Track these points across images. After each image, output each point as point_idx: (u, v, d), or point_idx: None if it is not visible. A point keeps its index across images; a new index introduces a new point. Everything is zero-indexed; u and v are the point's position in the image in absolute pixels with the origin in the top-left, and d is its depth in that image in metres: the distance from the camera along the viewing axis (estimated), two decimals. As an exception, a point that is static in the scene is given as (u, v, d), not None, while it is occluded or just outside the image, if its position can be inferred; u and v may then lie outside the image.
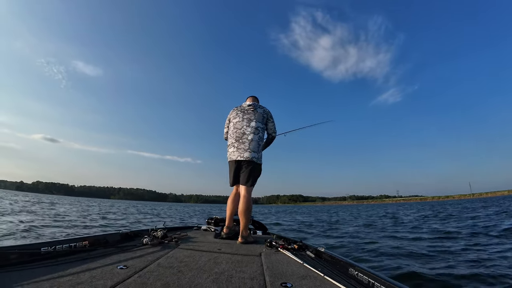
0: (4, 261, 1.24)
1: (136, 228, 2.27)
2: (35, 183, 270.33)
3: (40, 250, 1.39)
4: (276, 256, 1.81)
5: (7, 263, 1.24)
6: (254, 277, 1.30)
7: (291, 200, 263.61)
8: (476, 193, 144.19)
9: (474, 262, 3.39)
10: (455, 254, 3.90)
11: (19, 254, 1.30)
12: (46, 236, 4.96)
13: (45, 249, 1.42)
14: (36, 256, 1.36)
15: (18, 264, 1.26)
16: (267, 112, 2.72)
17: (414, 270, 3.04)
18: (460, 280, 2.71)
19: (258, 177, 2.59)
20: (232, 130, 2.63)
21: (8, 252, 1.28)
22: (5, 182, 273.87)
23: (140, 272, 1.26)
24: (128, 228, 3.69)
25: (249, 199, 2.46)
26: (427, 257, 3.78)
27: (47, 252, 1.41)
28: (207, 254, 1.73)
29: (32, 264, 1.28)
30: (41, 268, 1.23)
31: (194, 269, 1.37)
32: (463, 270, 3.04)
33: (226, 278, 1.25)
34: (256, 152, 2.52)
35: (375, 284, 1.24)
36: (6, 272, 1.15)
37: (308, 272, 1.45)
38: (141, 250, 1.75)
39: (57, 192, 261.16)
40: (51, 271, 1.17)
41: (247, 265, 1.52)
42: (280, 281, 1.26)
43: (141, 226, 7.18)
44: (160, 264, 1.42)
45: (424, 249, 4.33)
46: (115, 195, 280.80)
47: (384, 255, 3.97)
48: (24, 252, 1.33)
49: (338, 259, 1.72)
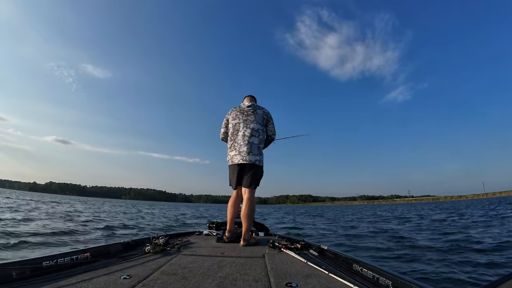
0: (5, 278, 1.21)
1: (141, 236, 2.51)
2: (48, 184, 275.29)
3: (41, 264, 1.37)
4: (279, 257, 1.82)
5: (9, 280, 1.21)
6: (259, 279, 1.30)
7: (301, 200, 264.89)
8: (489, 193, 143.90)
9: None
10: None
11: (20, 270, 1.27)
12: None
13: (47, 263, 1.39)
14: (37, 271, 1.33)
15: (20, 280, 1.23)
16: (266, 113, 2.70)
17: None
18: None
19: (260, 179, 2.61)
20: (232, 132, 2.61)
21: (9, 268, 1.24)
22: (19, 183, 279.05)
23: (144, 280, 1.24)
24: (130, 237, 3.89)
25: (253, 201, 2.49)
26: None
27: (48, 266, 1.39)
28: (210, 259, 1.74)
29: (34, 279, 1.26)
30: (43, 282, 1.20)
31: (198, 274, 1.37)
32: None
33: (231, 282, 1.26)
34: (258, 155, 2.54)
35: (380, 279, 1.26)
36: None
37: (313, 270, 1.47)
38: (143, 258, 1.73)
39: (70, 192, 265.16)
40: (54, 285, 1.15)
41: (251, 267, 1.52)
42: (285, 281, 1.26)
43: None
44: (163, 271, 1.41)
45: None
46: (126, 195, 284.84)
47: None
48: (25, 267, 1.30)
49: (342, 255, 1.73)
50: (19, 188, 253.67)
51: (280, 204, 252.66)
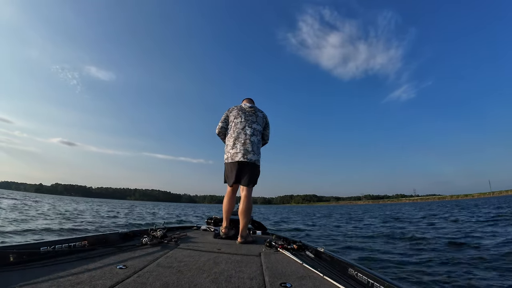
0: (3, 261, 1.22)
1: (136, 227, 2.18)
2: (54, 185, 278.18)
3: (39, 249, 1.37)
4: (275, 256, 1.82)
5: (6, 263, 1.22)
6: (254, 277, 1.30)
7: (305, 200, 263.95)
8: (496, 191, 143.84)
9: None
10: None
11: (18, 254, 1.28)
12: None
13: (44, 249, 1.40)
14: (35, 256, 1.34)
15: (17, 264, 1.24)
16: (265, 117, 2.79)
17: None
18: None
19: (257, 178, 2.65)
20: (233, 130, 2.64)
21: (7, 252, 1.25)
22: (25, 185, 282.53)
23: (140, 272, 1.25)
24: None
25: (250, 199, 2.53)
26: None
27: (46, 251, 1.40)
28: (207, 254, 1.74)
29: (31, 264, 1.27)
30: (41, 268, 1.21)
31: (193, 269, 1.37)
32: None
33: (226, 278, 1.26)
34: (258, 154, 2.59)
35: (375, 284, 1.25)
36: (5, 272, 1.14)
37: (308, 272, 1.46)
38: (140, 250, 1.74)
39: (76, 193, 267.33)
40: (51, 271, 1.16)
41: (246, 265, 1.52)
42: (280, 281, 1.27)
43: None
44: (159, 264, 1.42)
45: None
46: (131, 196, 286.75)
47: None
48: (23, 252, 1.31)
49: (338, 259, 1.72)
50: (25, 189, 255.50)
51: (284, 204, 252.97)
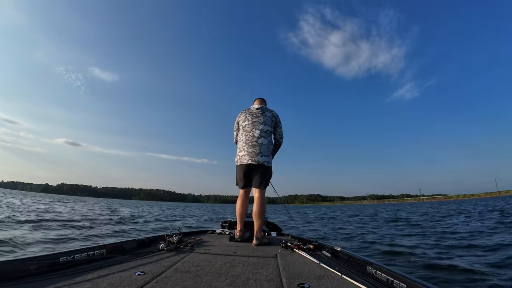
0: (24, 272, 1.25)
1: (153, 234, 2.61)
2: (59, 185, 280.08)
3: (59, 260, 1.40)
4: (292, 257, 1.82)
5: (26, 275, 1.25)
6: (271, 279, 1.30)
7: (310, 200, 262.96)
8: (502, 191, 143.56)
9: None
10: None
11: (38, 265, 1.31)
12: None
13: (64, 259, 1.42)
14: (55, 266, 1.37)
15: (37, 275, 1.26)
16: (275, 116, 2.74)
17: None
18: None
19: (270, 179, 2.66)
20: (242, 133, 2.66)
21: (27, 263, 1.28)
22: (31, 185, 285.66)
23: (158, 277, 1.27)
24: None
25: (264, 201, 2.53)
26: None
27: (66, 261, 1.42)
28: (223, 258, 1.75)
29: (51, 274, 1.29)
30: (61, 277, 1.23)
31: (210, 273, 1.38)
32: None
33: (243, 281, 1.26)
34: (267, 156, 2.57)
35: (395, 282, 1.24)
36: (26, 283, 1.16)
37: (325, 271, 1.46)
38: (157, 255, 1.77)
39: (81, 193, 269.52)
40: (70, 280, 1.18)
41: (263, 267, 1.52)
42: (297, 281, 1.26)
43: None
44: (177, 269, 1.44)
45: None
46: (136, 196, 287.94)
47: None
48: (43, 262, 1.34)
49: (355, 257, 1.71)
50: (31, 189, 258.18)
51: (289, 204, 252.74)
